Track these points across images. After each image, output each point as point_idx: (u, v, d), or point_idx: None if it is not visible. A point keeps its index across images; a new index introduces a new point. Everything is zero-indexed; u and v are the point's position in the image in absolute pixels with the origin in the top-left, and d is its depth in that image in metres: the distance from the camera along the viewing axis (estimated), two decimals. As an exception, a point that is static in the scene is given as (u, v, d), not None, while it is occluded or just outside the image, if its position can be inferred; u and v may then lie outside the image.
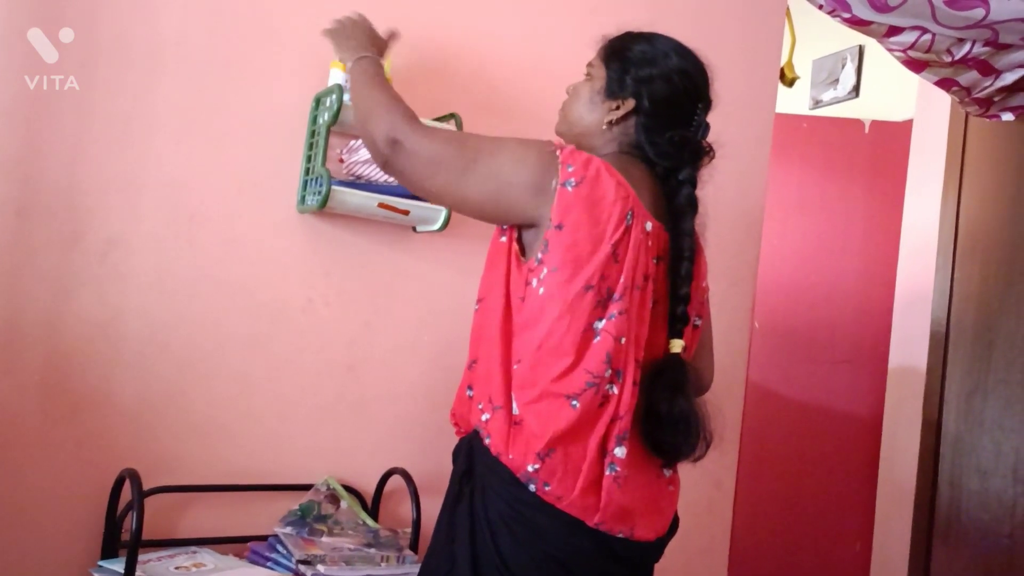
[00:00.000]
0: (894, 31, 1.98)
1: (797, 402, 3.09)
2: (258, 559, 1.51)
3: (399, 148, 1.22)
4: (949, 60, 2.06)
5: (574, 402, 1.14)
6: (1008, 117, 2.38)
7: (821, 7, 1.97)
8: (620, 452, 1.16)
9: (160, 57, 1.53)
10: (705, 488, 2.15)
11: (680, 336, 1.24)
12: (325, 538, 1.51)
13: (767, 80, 2.25)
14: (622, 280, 1.16)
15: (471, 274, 1.40)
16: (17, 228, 1.43)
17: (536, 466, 1.14)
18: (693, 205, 1.25)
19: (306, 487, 1.63)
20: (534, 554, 1.15)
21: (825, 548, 3.05)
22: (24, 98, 1.43)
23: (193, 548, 1.51)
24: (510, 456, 1.16)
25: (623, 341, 1.16)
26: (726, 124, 1.51)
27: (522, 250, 1.23)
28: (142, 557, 1.39)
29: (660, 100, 1.27)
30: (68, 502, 1.47)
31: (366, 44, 1.45)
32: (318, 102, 1.62)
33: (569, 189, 1.16)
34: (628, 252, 1.17)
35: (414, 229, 1.75)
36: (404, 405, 1.77)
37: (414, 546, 1.62)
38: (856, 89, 3.39)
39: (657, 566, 1.29)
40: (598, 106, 1.31)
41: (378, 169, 1.63)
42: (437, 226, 1.68)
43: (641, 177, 1.25)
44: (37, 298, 1.45)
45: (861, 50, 3.38)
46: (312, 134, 1.62)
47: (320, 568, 1.43)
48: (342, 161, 1.67)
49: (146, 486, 1.42)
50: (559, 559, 1.15)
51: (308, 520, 1.54)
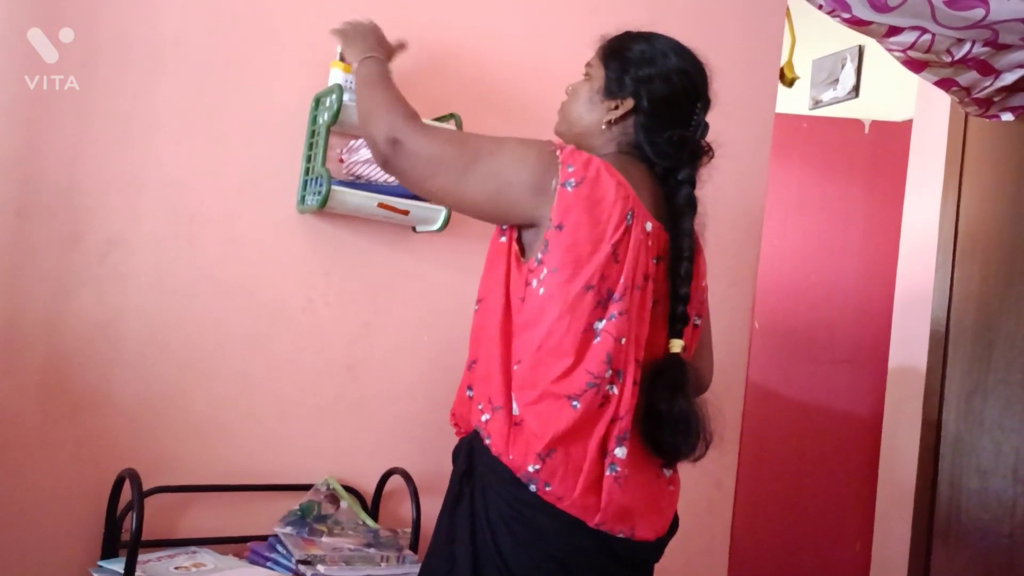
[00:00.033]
0: (894, 31, 1.98)
1: (797, 402, 3.09)
2: (258, 559, 1.51)
3: (399, 147, 1.22)
4: (949, 60, 2.06)
5: (575, 403, 1.14)
6: (1008, 117, 2.39)
7: (821, 7, 1.97)
8: (620, 452, 1.16)
9: (160, 57, 1.53)
10: (705, 488, 2.15)
11: (680, 336, 1.24)
12: (325, 538, 1.51)
13: (767, 80, 2.25)
14: (622, 280, 1.16)
15: (471, 274, 1.40)
16: (17, 228, 1.43)
17: (537, 466, 1.14)
18: (692, 205, 1.25)
19: (306, 487, 1.63)
20: (534, 554, 1.15)
21: (825, 548, 3.05)
22: (24, 98, 1.43)
23: (193, 548, 1.51)
24: (511, 456, 1.16)
25: (623, 342, 1.16)
26: (726, 124, 1.51)
27: (522, 250, 1.23)
28: (142, 557, 1.39)
29: (659, 100, 1.27)
30: (68, 502, 1.47)
31: (374, 46, 1.46)
32: (318, 102, 1.62)
33: (569, 189, 1.16)
34: (628, 252, 1.17)
35: (414, 229, 1.75)
36: (404, 405, 1.77)
37: (414, 546, 1.62)
38: (856, 89, 3.39)
39: (657, 566, 1.29)
40: (597, 106, 1.31)
41: (378, 169, 1.63)
42: (437, 226, 1.68)
43: (641, 177, 1.25)
44: (37, 298, 1.45)
45: (861, 50, 3.38)
46: (312, 134, 1.62)
47: (320, 568, 1.43)
48: (342, 161, 1.67)
49: (146, 486, 1.42)
50: (559, 559, 1.15)
51: (308, 520, 1.54)
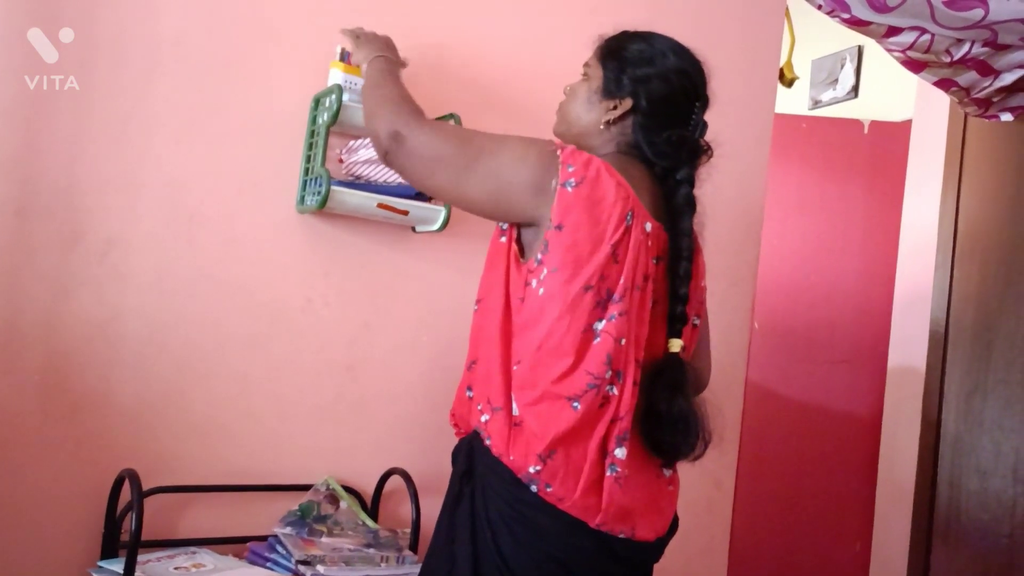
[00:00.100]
0: (893, 31, 1.98)
1: (797, 402, 3.09)
2: (257, 559, 1.50)
3: (401, 142, 1.23)
4: (948, 60, 2.06)
5: (575, 404, 1.14)
6: (1007, 117, 2.39)
7: (820, 7, 1.97)
8: (620, 453, 1.16)
9: (159, 57, 1.53)
10: (705, 488, 2.15)
11: (679, 336, 1.24)
12: (325, 538, 1.51)
13: (766, 80, 2.24)
14: (622, 281, 1.16)
15: (471, 274, 1.40)
16: (16, 228, 1.43)
17: (538, 467, 1.14)
18: (691, 204, 1.25)
19: (306, 487, 1.62)
20: (535, 554, 1.15)
21: (825, 548, 3.05)
22: (24, 98, 1.43)
23: (192, 548, 1.51)
24: (511, 457, 1.16)
25: (623, 342, 1.16)
26: (725, 124, 1.51)
27: (521, 251, 1.23)
28: (141, 557, 1.39)
29: (658, 99, 1.27)
30: (67, 502, 1.47)
31: (383, 48, 1.48)
32: (317, 102, 1.62)
33: (569, 189, 1.16)
34: (628, 253, 1.17)
35: (413, 229, 1.75)
36: (404, 405, 1.76)
37: (414, 546, 1.62)
38: (855, 89, 3.39)
39: (657, 566, 1.29)
40: (595, 106, 1.30)
41: (377, 169, 1.63)
42: (436, 226, 1.68)
43: (640, 177, 1.24)
44: (36, 298, 1.45)
45: (860, 50, 3.38)
46: (312, 134, 1.62)
47: (320, 568, 1.43)
48: (341, 161, 1.67)
49: (145, 486, 1.42)
50: (560, 559, 1.15)
51: (308, 520, 1.54)
